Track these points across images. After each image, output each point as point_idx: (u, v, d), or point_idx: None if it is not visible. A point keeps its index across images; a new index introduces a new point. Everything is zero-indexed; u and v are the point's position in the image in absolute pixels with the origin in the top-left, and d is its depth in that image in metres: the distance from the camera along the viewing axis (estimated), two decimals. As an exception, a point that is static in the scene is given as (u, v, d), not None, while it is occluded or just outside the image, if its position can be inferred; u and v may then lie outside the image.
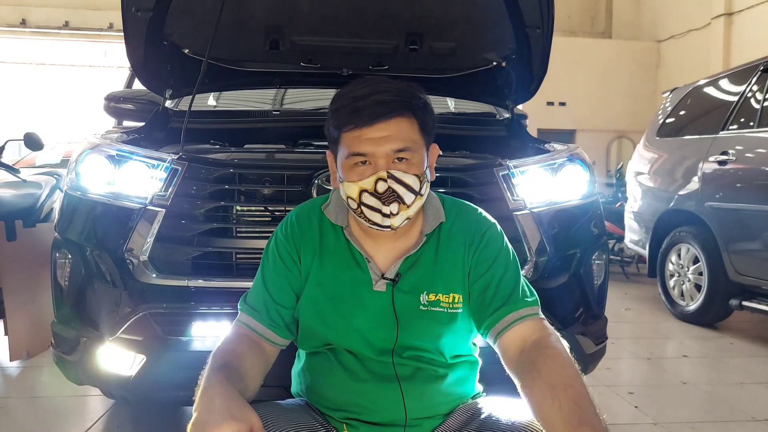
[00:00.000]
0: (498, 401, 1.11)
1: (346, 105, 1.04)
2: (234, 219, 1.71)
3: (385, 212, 1.03)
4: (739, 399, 2.57)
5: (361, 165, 1.03)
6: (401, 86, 1.06)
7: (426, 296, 1.10)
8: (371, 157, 1.02)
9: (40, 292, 2.91)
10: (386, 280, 1.09)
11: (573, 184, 1.82)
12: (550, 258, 1.68)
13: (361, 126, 1.01)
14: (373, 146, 1.01)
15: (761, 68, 3.70)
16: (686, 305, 4.06)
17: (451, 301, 1.10)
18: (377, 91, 1.03)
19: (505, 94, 2.50)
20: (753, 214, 3.40)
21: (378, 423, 1.09)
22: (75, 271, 1.66)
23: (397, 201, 1.03)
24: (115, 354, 1.59)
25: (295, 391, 1.22)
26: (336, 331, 1.11)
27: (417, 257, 1.12)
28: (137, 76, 2.31)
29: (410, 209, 1.05)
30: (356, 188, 1.03)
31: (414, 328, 1.09)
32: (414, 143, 1.04)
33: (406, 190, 1.03)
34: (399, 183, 1.02)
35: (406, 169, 1.03)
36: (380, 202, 1.02)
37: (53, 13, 11.43)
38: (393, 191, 1.02)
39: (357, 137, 1.02)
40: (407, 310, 1.09)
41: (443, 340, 1.11)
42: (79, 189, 1.71)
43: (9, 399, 2.43)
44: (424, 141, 1.07)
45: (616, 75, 10.64)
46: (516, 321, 1.06)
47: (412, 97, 1.05)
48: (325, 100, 2.78)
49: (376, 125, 1.01)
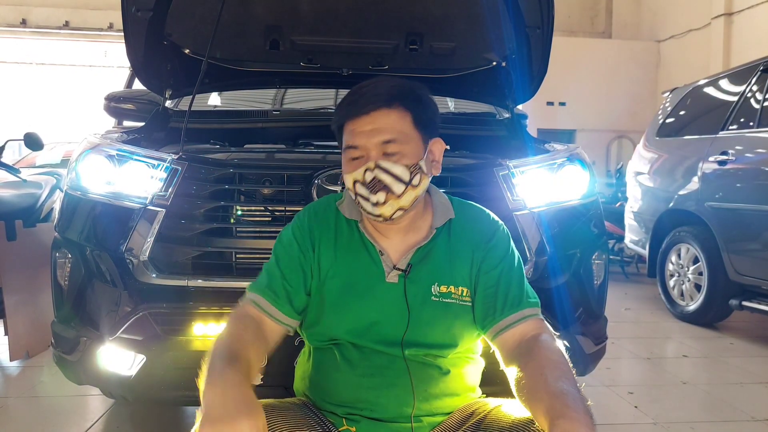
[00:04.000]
0: (498, 402, 1.11)
1: (345, 101, 1.10)
2: (234, 219, 1.71)
3: (373, 201, 1.07)
4: (738, 399, 2.57)
5: (357, 159, 1.08)
6: (397, 81, 1.11)
7: (437, 287, 1.13)
8: (363, 149, 1.07)
9: (40, 292, 2.91)
10: (398, 271, 1.12)
11: (573, 184, 1.82)
12: (549, 258, 1.68)
13: (353, 117, 1.07)
14: (363, 138, 1.07)
15: (761, 68, 3.70)
16: (686, 305, 4.06)
17: (461, 294, 1.14)
18: (373, 86, 1.09)
19: (505, 94, 2.50)
20: (753, 214, 3.40)
21: (379, 419, 1.09)
22: (75, 270, 1.66)
23: (384, 190, 1.06)
24: (115, 354, 1.59)
25: (299, 388, 1.23)
26: (347, 322, 1.12)
27: (429, 249, 1.15)
28: (137, 75, 2.31)
29: (401, 199, 1.07)
30: (351, 179, 1.09)
31: (424, 319, 1.11)
32: (403, 135, 1.08)
33: (394, 179, 1.06)
34: (386, 173, 1.06)
35: (396, 160, 1.07)
36: (368, 191, 1.07)
37: (53, 13, 11.42)
38: (379, 180, 1.06)
39: (351, 131, 1.08)
40: (418, 301, 1.12)
41: (451, 333, 1.13)
42: (79, 189, 1.71)
43: (9, 399, 2.43)
44: (419, 134, 1.10)
45: (616, 75, 10.62)
46: (518, 321, 1.10)
47: (404, 90, 1.10)
48: (325, 100, 2.78)
49: (365, 117, 1.06)
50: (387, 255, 1.14)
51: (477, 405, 1.13)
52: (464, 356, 1.17)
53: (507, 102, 2.53)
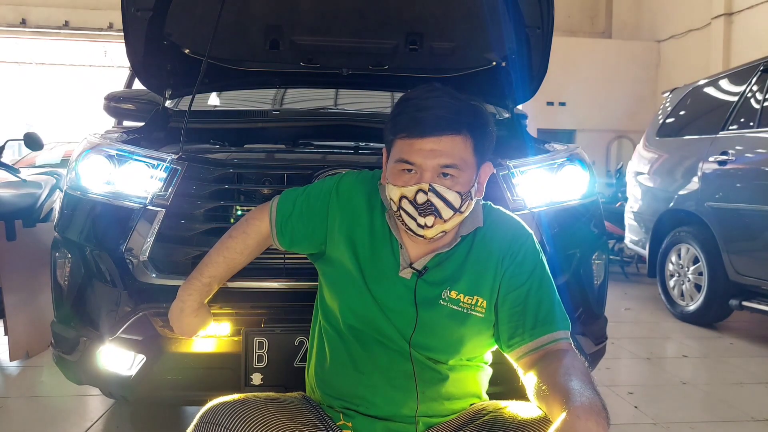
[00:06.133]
0: (504, 403, 1.11)
1: (407, 113, 1.06)
2: (234, 219, 1.70)
3: (420, 223, 1.05)
4: (738, 399, 2.57)
5: (407, 173, 1.05)
6: (464, 104, 1.07)
7: (448, 292, 1.12)
8: (418, 167, 1.04)
9: (40, 292, 2.91)
10: (413, 270, 1.12)
11: (573, 184, 1.82)
12: (549, 258, 1.67)
13: (415, 136, 1.04)
14: (422, 158, 1.04)
15: (761, 68, 3.70)
16: (686, 305, 4.06)
17: (473, 303, 1.11)
18: (439, 105, 1.05)
19: (505, 94, 2.50)
20: (753, 214, 3.40)
21: (375, 416, 1.09)
22: (75, 270, 1.66)
23: (434, 215, 1.04)
24: (114, 354, 1.59)
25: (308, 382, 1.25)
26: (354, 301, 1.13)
27: (448, 255, 1.14)
28: (137, 75, 2.30)
29: (447, 224, 1.07)
30: (398, 193, 1.06)
31: (429, 321, 1.11)
32: (463, 162, 1.06)
33: (445, 205, 1.04)
34: (439, 197, 1.04)
35: (451, 186, 1.04)
36: (417, 212, 1.05)
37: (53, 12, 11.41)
38: (431, 204, 1.04)
39: (409, 145, 1.04)
40: (427, 302, 1.11)
41: (455, 341, 1.12)
42: (78, 189, 1.70)
43: (9, 399, 2.43)
44: (476, 160, 1.08)
45: (616, 75, 10.62)
46: (546, 344, 1.07)
47: (473, 116, 1.07)
48: (325, 100, 2.78)
49: (430, 138, 1.03)
50: (406, 250, 1.14)
51: (482, 405, 1.13)
52: (470, 363, 1.16)
53: (507, 102, 2.52)
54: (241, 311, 1.54)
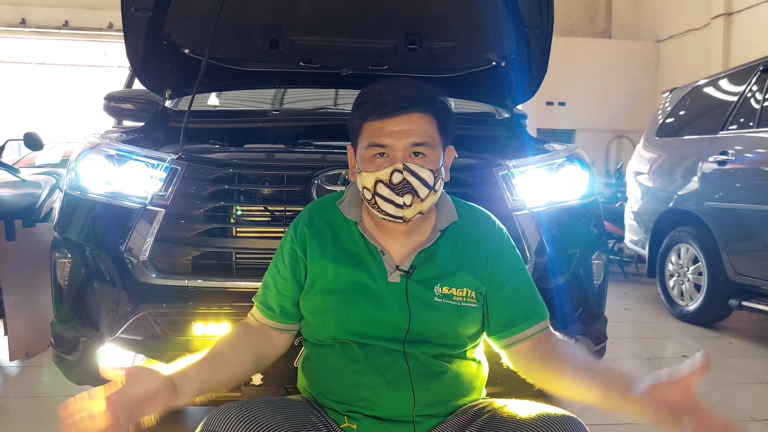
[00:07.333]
0: (504, 402, 1.11)
1: (371, 99, 1.09)
2: (234, 219, 1.71)
3: (398, 203, 1.06)
4: (738, 399, 2.57)
5: (380, 157, 1.08)
6: (425, 86, 1.12)
7: (440, 288, 1.13)
8: (390, 149, 1.07)
9: (40, 292, 2.91)
10: (401, 272, 1.13)
11: (572, 184, 1.82)
12: (549, 258, 1.68)
13: (383, 117, 1.07)
14: (392, 139, 1.06)
15: (761, 68, 3.70)
16: (686, 305, 4.06)
17: (465, 295, 1.15)
18: (402, 87, 1.09)
19: (504, 93, 2.50)
20: (752, 214, 3.40)
21: (380, 417, 1.09)
22: (75, 270, 1.66)
23: (411, 193, 1.06)
24: (115, 354, 1.59)
25: (302, 386, 1.23)
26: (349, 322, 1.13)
27: (432, 251, 1.16)
28: (137, 75, 2.30)
29: (424, 203, 1.09)
30: (372, 178, 1.08)
31: (426, 319, 1.12)
32: (432, 140, 1.09)
33: (421, 183, 1.07)
34: (414, 176, 1.06)
35: (423, 164, 1.07)
36: (394, 193, 1.06)
37: (53, 12, 11.41)
38: (408, 183, 1.06)
39: (378, 129, 1.07)
40: (420, 301, 1.12)
41: (454, 334, 1.14)
42: (78, 188, 1.70)
43: (9, 399, 2.43)
44: (442, 140, 1.12)
45: (615, 75, 10.62)
46: (533, 334, 1.16)
47: (434, 96, 1.11)
48: (324, 99, 2.78)
49: (397, 118, 1.06)
50: (389, 255, 1.14)
51: (482, 405, 1.13)
52: (467, 358, 1.17)
53: (506, 102, 2.53)
54: (240, 311, 1.54)
